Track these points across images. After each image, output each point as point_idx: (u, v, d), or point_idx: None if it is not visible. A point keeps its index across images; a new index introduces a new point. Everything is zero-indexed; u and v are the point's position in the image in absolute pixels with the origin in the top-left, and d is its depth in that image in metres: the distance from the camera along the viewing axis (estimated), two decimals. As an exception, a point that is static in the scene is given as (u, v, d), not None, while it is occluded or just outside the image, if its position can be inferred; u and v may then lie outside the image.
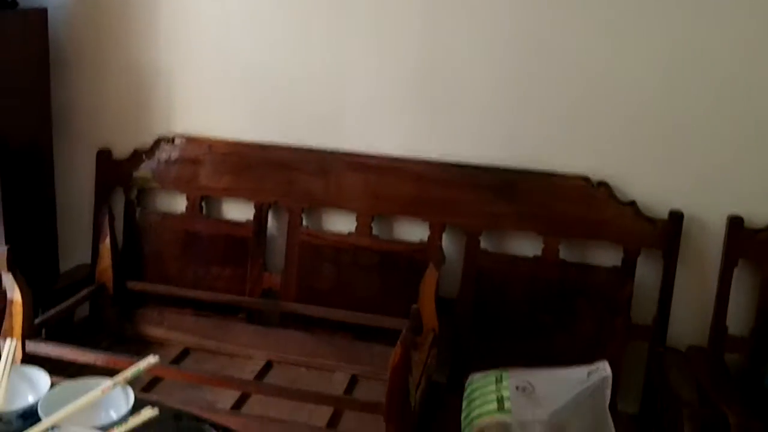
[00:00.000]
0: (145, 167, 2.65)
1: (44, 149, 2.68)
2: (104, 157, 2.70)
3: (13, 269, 2.09)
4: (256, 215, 2.58)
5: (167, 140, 2.64)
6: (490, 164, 2.41)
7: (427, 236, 2.46)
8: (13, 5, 2.51)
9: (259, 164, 2.56)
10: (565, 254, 2.38)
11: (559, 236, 2.37)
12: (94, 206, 2.71)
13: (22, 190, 2.55)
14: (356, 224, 2.51)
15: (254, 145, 2.58)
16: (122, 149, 2.70)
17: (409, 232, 2.52)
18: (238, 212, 2.64)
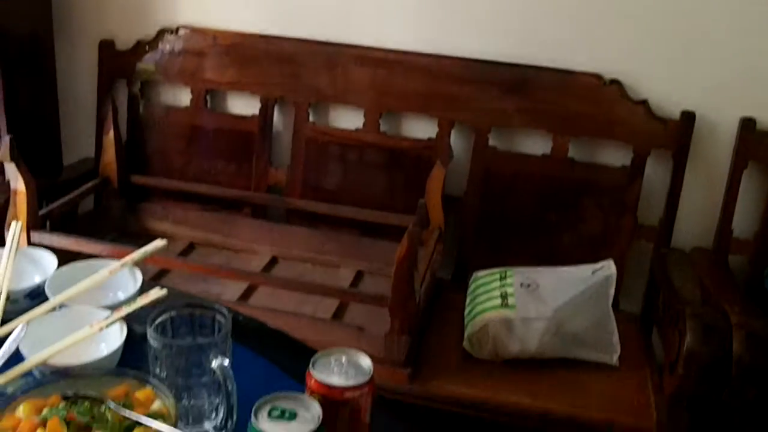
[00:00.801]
0: (148, 59, 2.59)
1: (45, 40, 2.61)
2: (107, 48, 2.63)
3: (16, 159, 2.07)
4: (261, 110, 2.54)
5: (171, 31, 2.57)
6: (501, 60, 2.35)
7: (435, 133, 2.42)
8: None
9: (264, 57, 2.50)
10: (574, 153, 2.35)
11: (568, 135, 2.34)
12: (97, 99, 2.66)
13: (23, 82, 2.50)
14: (363, 120, 2.47)
15: (260, 37, 2.51)
16: (125, 40, 2.63)
17: (417, 128, 2.48)
18: (243, 106, 2.60)
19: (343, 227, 2.51)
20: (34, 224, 2.09)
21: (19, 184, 2.10)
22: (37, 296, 1.19)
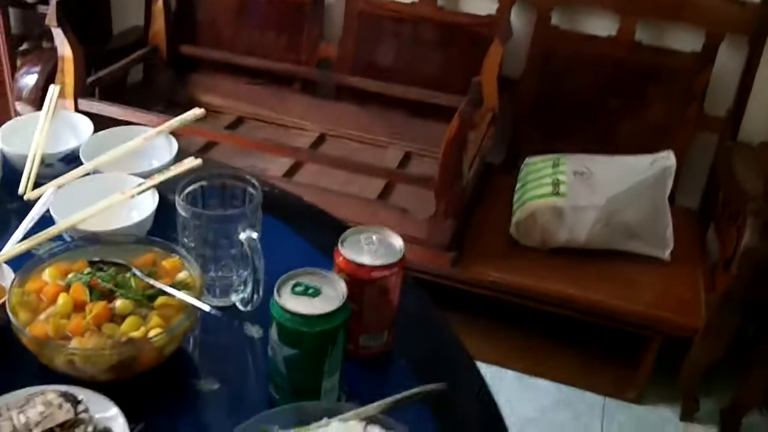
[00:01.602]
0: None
1: None
2: None
3: (62, 24, 2.03)
4: (312, -21, 2.43)
5: None
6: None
7: (495, 9, 2.29)
8: None
9: None
10: (641, 36, 2.21)
11: (637, 15, 2.18)
12: (146, -36, 2.59)
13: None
14: (419, -7, 2.35)
15: None
16: None
17: (475, 4, 2.35)
18: (294, -24, 2.49)
19: (393, 106, 2.43)
20: (81, 91, 2.07)
21: (66, 49, 2.07)
22: (71, 161, 1.17)
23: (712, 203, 2.19)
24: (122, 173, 1.11)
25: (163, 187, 1.10)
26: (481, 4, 2.33)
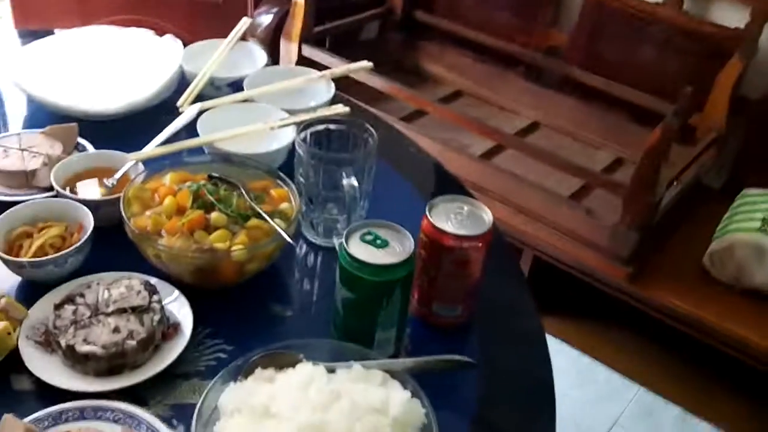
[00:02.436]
0: None
1: None
2: None
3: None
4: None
5: None
6: None
7: (745, 23, 2.10)
8: None
9: None
10: None
11: None
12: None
13: None
14: (667, -5, 2.21)
15: None
16: None
17: (725, 14, 2.16)
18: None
19: (614, 107, 2.33)
20: (306, 38, 2.18)
21: (297, -4, 2.18)
22: (238, 89, 1.25)
23: None
24: (272, 106, 1.17)
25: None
26: (732, 15, 2.14)
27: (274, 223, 0.93)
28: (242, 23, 1.36)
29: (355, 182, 0.96)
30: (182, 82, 1.29)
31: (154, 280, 0.93)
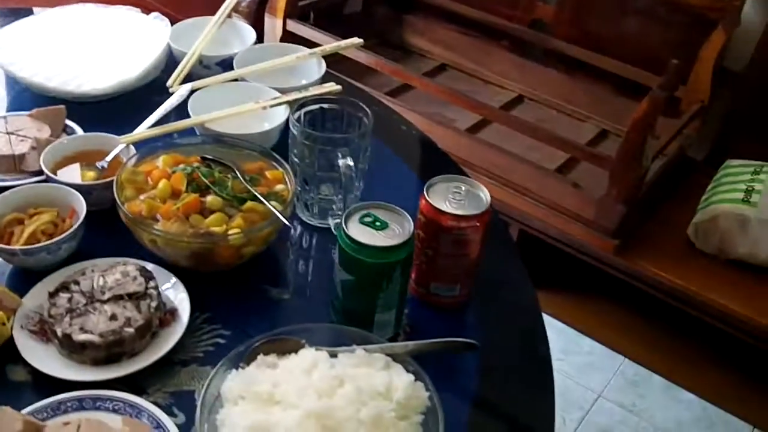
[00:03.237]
0: None
1: None
2: None
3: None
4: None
5: None
6: None
7: (728, -6, 2.10)
8: None
9: None
10: None
11: None
12: None
13: None
14: (651, -36, 2.20)
15: None
16: None
17: (709, -16, 2.16)
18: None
19: (599, 79, 2.32)
20: (290, 13, 2.16)
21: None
22: (228, 67, 1.24)
23: None
24: (263, 85, 1.16)
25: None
26: (716, -16, 2.14)
27: (269, 204, 0.93)
28: (229, 0, 1.33)
29: (351, 163, 0.96)
30: (170, 60, 1.27)
31: (150, 265, 0.92)
